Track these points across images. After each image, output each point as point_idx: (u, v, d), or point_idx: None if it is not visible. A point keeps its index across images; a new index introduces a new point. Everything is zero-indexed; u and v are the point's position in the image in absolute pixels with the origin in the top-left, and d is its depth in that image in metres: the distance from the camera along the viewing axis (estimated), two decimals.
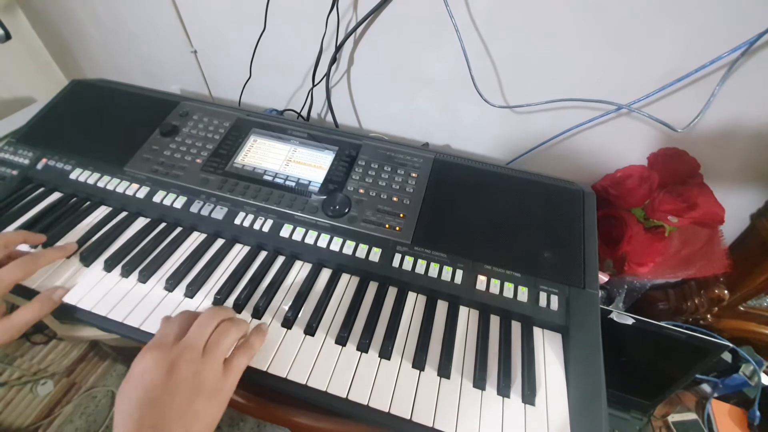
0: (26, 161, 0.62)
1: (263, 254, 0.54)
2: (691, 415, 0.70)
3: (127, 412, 0.32)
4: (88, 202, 0.59)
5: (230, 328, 0.40)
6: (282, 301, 0.49)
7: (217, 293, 0.48)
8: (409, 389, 0.42)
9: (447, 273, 0.50)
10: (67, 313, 0.47)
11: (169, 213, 0.56)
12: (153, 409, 0.32)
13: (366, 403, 0.40)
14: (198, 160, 0.61)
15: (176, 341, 0.37)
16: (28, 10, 0.96)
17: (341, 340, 0.45)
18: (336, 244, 0.52)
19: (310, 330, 0.46)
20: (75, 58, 1.04)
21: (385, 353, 0.44)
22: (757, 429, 0.67)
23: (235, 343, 0.40)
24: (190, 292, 0.48)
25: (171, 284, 0.49)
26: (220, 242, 0.55)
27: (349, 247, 0.52)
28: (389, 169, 0.60)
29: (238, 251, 0.54)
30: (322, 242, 0.53)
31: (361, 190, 0.57)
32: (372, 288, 0.51)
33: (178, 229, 0.56)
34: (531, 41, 0.58)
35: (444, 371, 0.43)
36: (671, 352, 0.61)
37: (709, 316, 0.68)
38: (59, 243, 0.52)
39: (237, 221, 0.55)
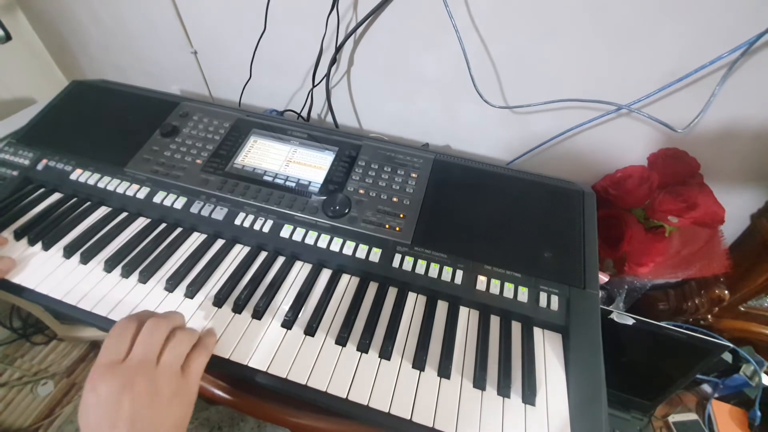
0: (26, 162, 0.62)
1: (263, 255, 0.54)
2: (692, 416, 0.70)
3: None
4: (89, 203, 0.59)
5: (185, 336, 0.39)
6: (282, 302, 0.49)
7: (217, 293, 0.48)
8: (409, 389, 0.42)
9: (447, 273, 0.50)
10: (68, 314, 0.47)
11: (170, 213, 0.56)
12: (116, 426, 0.33)
13: (366, 404, 0.40)
14: (198, 161, 0.61)
15: (124, 356, 0.36)
16: (28, 11, 0.96)
17: (341, 340, 0.45)
18: (336, 245, 0.52)
19: (310, 330, 0.46)
20: (75, 59, 1.04)
21: (385, 353, 0.44)
22: (757, 429, 0.67)
23: (190, 348, 0.39)
24: (191, 293, 0.48)
25: (171, 285, 0.49)
26: (220, 243, 0.55)
27: (349, 248, 0.52)
28: (389, 169, 0.60)
29: (239, 252, 0.54)
30: (322, 243, 0.53)
31: (361, 191, 0.57)
32: (372, 288, 0.51)
33: (179, 230, 0.56)
34: (531, 42, 0.58)
35: (444, 371, 0.43)
36: (671, 353, 0.61)
37: (709, 316, 0.68)
38: (59, 243, 0.53)
39: (237, 222, 0.55)
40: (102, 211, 0.58)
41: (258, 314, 0.47)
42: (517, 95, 0.65)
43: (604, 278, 0.62)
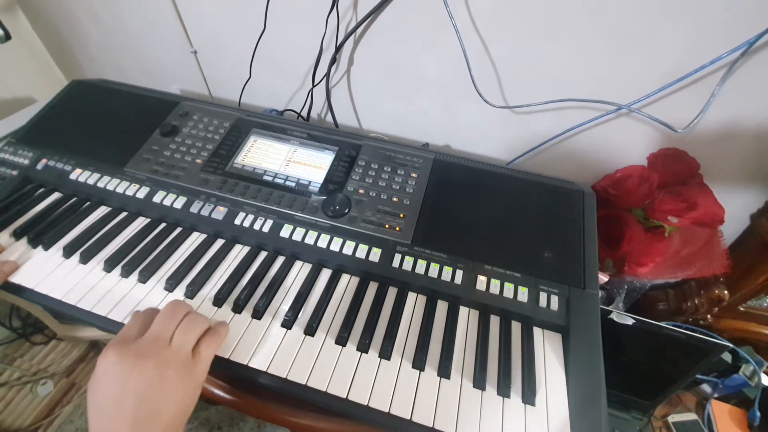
0: (26, 161, 0.62)
1: (263, 254, 0.54)
2: (692, 416, 0.70)
3: (98, 409, 0.34)
4: (88, 203, 0.59)
5: (197, 319, 0.41)
6: (282, 302, 0.49)
7: (217, 293, 0.48)
8: (409, 389, 0.42)
9: (447, 273, 0.50)
10: (67, 314, 0.47)
11: (169, 213, 0.56)
12: (121, 405, 0.33)
13: (366, 404, 0.40)
14: (198, 161, 0.61)
15: (139, 335, 0.38)
16: (28, 10, 0.96)
17: (341, 340, 0.45)
18: (336, 245, 0.52)
19: (310, 330, 0.46)
20: (75, 58, 1.04)
21: (385, 353, 0.44)
22: (757, 429, 0.67)
23: (201, 333, 0.40)
24: (190, 293, 0.48)
25: (171, 284, 0.49)
26: (220, 242, 0.55)
27: (349, 248, 0.52)
28: (389, 169, 0.60)
29: (238, 251, 0.54)
30: (322, 242, 0.53)
31: (361, 191, 0.57)
32: (372, 288, 0.51)
33: (178, 230, 0.56)
34: (531, 41, 0.58)
35: (444, 371, 0.43)
36: (671, 353, 0.61)
37: (709, 316, 0.68)
38: (59, 243, 0.53)
39: (237, 221, 0.55)
40: (102, 210, 0.58)
41: (258, 314, 0.47)
42: (517, 95, 0.65)
43: (604, 278, 0.62)
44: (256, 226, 0.54)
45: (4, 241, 0.53)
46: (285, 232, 0.53)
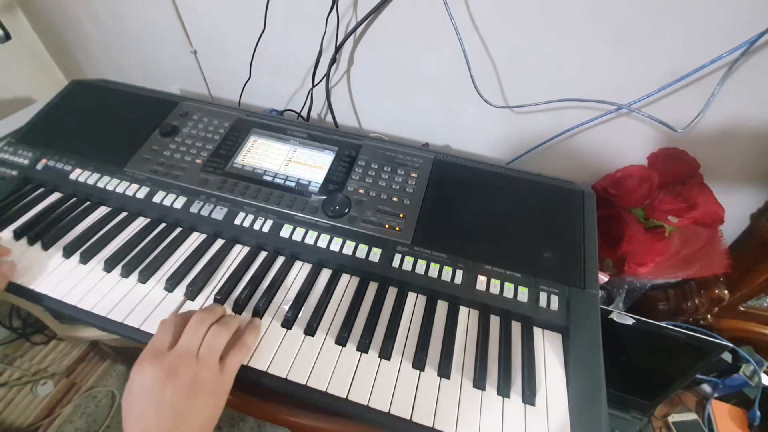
0: (26, 161, 0.62)
1: (263, 254, 0.54)
2: (692, 416, 0.70)
3: (134, 422, 0.35)
4: (88, 203, 0.59)
5: (221, 330, 0.41)
6: (282, 302, 0.49)
7: (217, 293, 0.48)
8: (409, 389, 0.42)
9: (447, 273, 0.50)
10: (68, 314, 0.47)
11: (169, 213, 0.56)
12: (157, 415, 0.35)
13: (366, 404, 0.40)
14: (198, 161, 0.61)
15: (170, 348, 0.39)
16: (28, 10, 0.96)
17: (341, 340, 0.45)
18: (336, 245, 0.52)
19: (310, 330, 0.46)
20: (75, 58, 1.04)
21: (385, 353, 0.44)
22: (757, 429, 0.67)
23: (226, 342, 0.41)
24: (190, 293, 0.48)
25: (171, 284, 0.49)
26: (220, 242, 0.55)
27: (349, 248, 0.52)
28: (389, 169, 0.60)
29: (238, 251, 0.54)
30: (322, 242, 0.53)
31: (361, 191, 0.57)
32: (372, 288, 0.51)
33: (178, 230, 0.56)
34: (531, 41, 0.58)
35: (444, 371, 0.43)
36: (671, 353, 0.61)
37: (709, 316, 0.68)
38: (59, 243, 0.53)
39: (237, 221, 0.55)
40: (101, 210, 0.58)
41: (258, 314, 0.47)
42: (517, 95, 0.65)
43: (604, 278, 0.62)
44: (256, 226, 0.54)
45: (4, 241, 0.53)
46: (285, 232, 0.53)
